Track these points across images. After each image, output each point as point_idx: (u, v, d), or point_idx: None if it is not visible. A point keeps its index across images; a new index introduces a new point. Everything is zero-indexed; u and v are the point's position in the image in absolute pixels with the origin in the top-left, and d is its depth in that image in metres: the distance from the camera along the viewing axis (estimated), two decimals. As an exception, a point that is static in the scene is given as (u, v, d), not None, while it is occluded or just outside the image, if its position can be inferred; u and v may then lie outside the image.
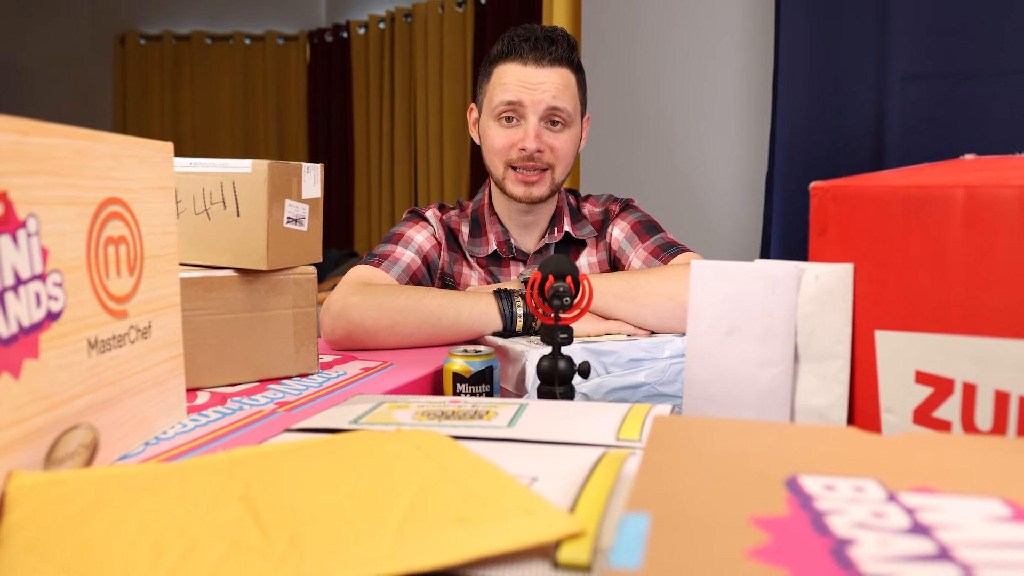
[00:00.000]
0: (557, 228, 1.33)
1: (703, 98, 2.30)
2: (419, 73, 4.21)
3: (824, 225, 0.61)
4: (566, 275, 0.80)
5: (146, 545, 0.38)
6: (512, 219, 1.33)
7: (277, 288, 0.88)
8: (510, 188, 1.26)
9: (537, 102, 1.21)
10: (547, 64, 1.21)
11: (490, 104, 1.25)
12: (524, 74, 1.21)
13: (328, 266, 4.15)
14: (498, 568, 0.37)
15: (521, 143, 1.22)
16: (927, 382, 0.53)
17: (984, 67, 1.63)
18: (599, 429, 0.58)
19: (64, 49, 4.79)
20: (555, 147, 1.24)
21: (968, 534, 0.33)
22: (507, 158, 1.24)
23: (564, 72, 1.22)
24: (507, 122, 1.24)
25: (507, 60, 1.23)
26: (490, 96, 1.26)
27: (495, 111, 1.24)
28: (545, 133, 1.23)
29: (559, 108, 1.21)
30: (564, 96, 1.22)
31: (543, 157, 1.23)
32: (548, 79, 1.20)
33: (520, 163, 1.24)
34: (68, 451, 0.51)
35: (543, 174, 1.25)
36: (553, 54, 1.21)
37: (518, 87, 1.21)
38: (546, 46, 1.20)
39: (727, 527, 0.33)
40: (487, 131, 1.27)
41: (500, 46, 1.24)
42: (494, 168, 1.28)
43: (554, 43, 1.21)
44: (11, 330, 0.47)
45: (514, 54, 1.22)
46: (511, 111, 1.23)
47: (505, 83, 1.22)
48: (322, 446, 0.53)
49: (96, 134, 0.57)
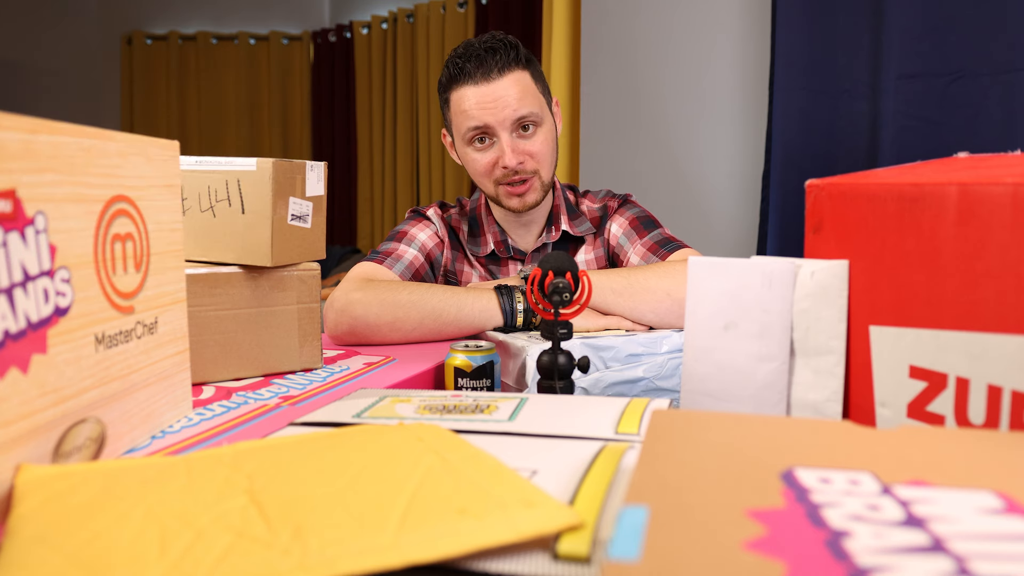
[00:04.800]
0: (555, 227, 1.33)
1: (701, 97, 2.30)
2: (421, 72, 4.21)
3: (820, 222, 0.61)
4: (566, 271, 0.81)
5: (153, 537, 0.38)
6: (509, 220, 1.33)
7: (281, 284, 0.88)
8: (505, 203, 1.26)
9: (503, 119, 1.19)
10: (496, 75, 1.18)
11: (459, 132, 1.24)
12: (479, 94, 1.19)
13: (332, 263, 4.16)
14: (499, 560, 0.37)
15: (501, 161, 1.21)
16: (921, 376, 0.53)
17: (977, 66, 1.63)
18: (598, 423, 0.59)
19: (72, 49, 4.80)
20: (533, 152, 1.22)
21: (961, 526, 0.33)
22: (493, 177, 1.24)
23: (516, 75, 1.20)
24: (480, 143, 1.23)
25: (459, 85, 1.21)
26: (457, 124, 1.24)
27: (465, 137, 1.23)
28: (519, 143, 1.22)
29: (526, 115, 1.20)
30: (526, 100, 1.20)
31: (525, 167, 1.22)
32: (505, 91, 1.18)
33: (505, 179, 1.23)
34: (76, 445, 0.52)
35: (531, 180, 1.24)
36: (499, 62, 1.18)
37: (479, 110, 1.19)
38: (490, 58, 1.18)
39: (724, 519, 0.34)
40: (465, 156, 1.26)
41: (447, 72, 1.23)
42: (484, 188, 1.28)
43: (495, 51, 1.19)
44: (19, 325, 0.47)
45: (462, 76, 1.20)
46: (481, 134, 1.21)
47: (465, 109, 1.20)
48: (325, 439, 0.54)
49: (103, 132, 0.58)
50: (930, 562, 0.30)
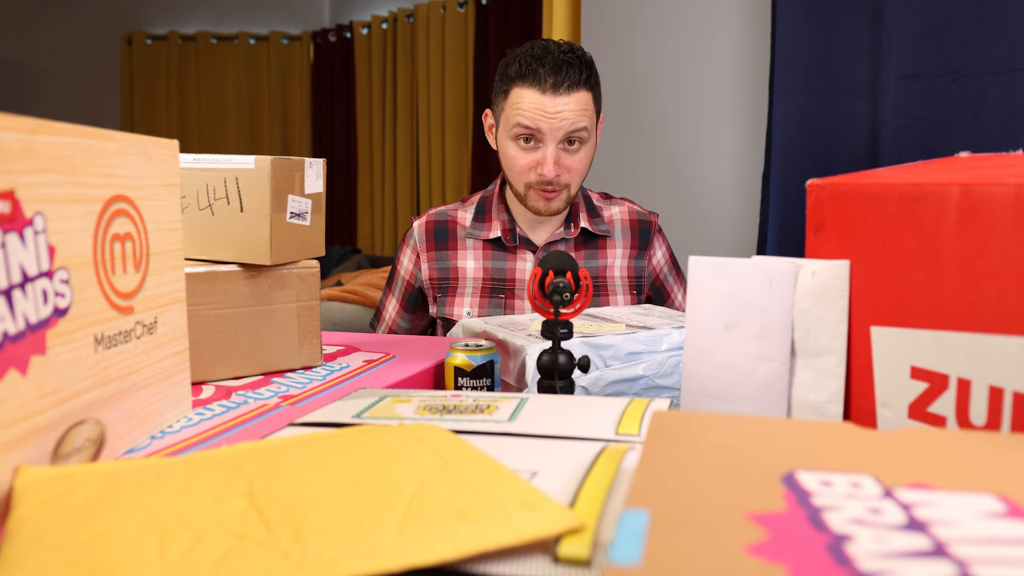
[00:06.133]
0: (574, 224, 1.34)
1: (701, 97, 2.30)
2: (421, 72, 4.21)
3: (820, 222, 0.61)
4: (566, 271, 0.81)
5: (152, 539, 0.38)
6: (525, 212, 1.33)
7: (281, 282, 0.88)
8: (531, 204, 1.28)
9: (556, 129, 1.20)
10: (565, 91, 1.19)
11: (507, 123, 1.24)
12: (542, 102, 1.19)
13: (331, 263, 4.16)
14: (499, 563, 0.37)
15: (540, 168, 1.22)
16: (922, 377, 0.53)
17: (977, 66, 1.63)
18: (599, 423, 0.59)
19: (72, 49, 4.81)
20: (572, 167, 1.24)
21: (963, 530, 0.33)
22: (526, 179, 1.25)
23: (581, 95, 1.20)
24: (525, 143, 1.23)
25: (524, 84, 1.20)
26: (507, 116, 1.24)
27: (512, 132, 1.23)
28: (563, 156, 1.23)
29: (576, 132, 1.21)
30: (582, 119, 1.21)
31: (561, 180, 1.24)
32: (566, 107, 1.19)
33: (539, 184, 1.24)
34: (75, 446, 0.51)
35: (561, 191, 1.26)
36: (572, 78, 1.19)
37: (535, 114, 1.19)
38: (564, 71, 1.18)
39: (725, 523, 0.34)
40: (505, 149, 1.27)
41: (517, 66, 1.21)
42: (515, 184, 1.28)
43: (571, 67, 1.19)
44: (18, 327, 0.47)
45: (531, 78, 1.19)
46: (528, 134, 1.22)
47: (523, 109, 1.20)
48: (325, 440, 0.54)
49: (102, 132, 0.58)
50: (932, 567, 0.30)
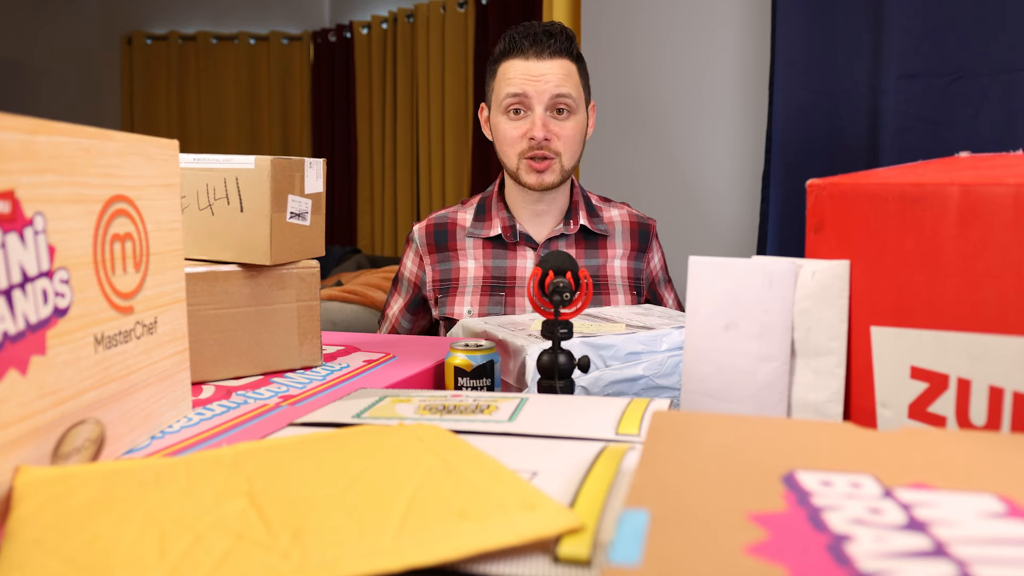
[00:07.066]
0: (573, 220, 1.37)
1: (701, 96, 2.30)
2: (421, 72, 4.21)
3: (820, 222, 0.61)
4: (566, 271, 0.81)
5: (152, 539, 0.38)
6: (524, 208, 1.37)
7: (281, 282, 0.88)
8: (524, 178, 1.31)
9: (541, 92, 1.26)
10: (547, 56, 1.27)
11: (497, 99, 1.31)
12: (527, 68, 1.27)
13: (331, 263, 4.16)
14: (499, 563, 0.37)
15: (529, 132, 1.28)
16: (922, 377, 0.53)
17: (977, 66, 1.63)
18: (599, 423, 0.59)
19: (72, 49, 4.81)
20: (561, 134, 1.29)
21: (963, 530, 0.33)
22: (518, 149, 1.30)
23: (565, 63, 1.28)
24: (515, 114, 1.29)
25: (510, 57, 1.29)
26: (497, 92, 1.32)
27: (503, 105, 1.30)
28: (552, 122, 1.28)
29: (563, 95, 1.27)
30: (567, 83, 1.27)
31: (551, 145, 1.29)
32: (550, 70, 1.26)
33: (530, 152, 1.29)
34: (75, 446, 0.51)
35: (552, 161, 1.30)
36: (553, 46, 1.27)
37: (522, 80, 1.27)
38: (545, 39, 1.27)
39: (725, 523, 0.34)
40: (497, 125, 1.33)
41: (502, 45, 1.31)
42: (508, 160, 1.33)
43: (552, 36, 1.27)
44: (18, 327, 0.47)
45: (516, 51, 1.28)
46: (518, 103, 1.28)
47: (510, 78, 1.28)
48: (325, 440, 0.54)
49: (102, 132, 0.58)
50: (932, 567, 0.30)
